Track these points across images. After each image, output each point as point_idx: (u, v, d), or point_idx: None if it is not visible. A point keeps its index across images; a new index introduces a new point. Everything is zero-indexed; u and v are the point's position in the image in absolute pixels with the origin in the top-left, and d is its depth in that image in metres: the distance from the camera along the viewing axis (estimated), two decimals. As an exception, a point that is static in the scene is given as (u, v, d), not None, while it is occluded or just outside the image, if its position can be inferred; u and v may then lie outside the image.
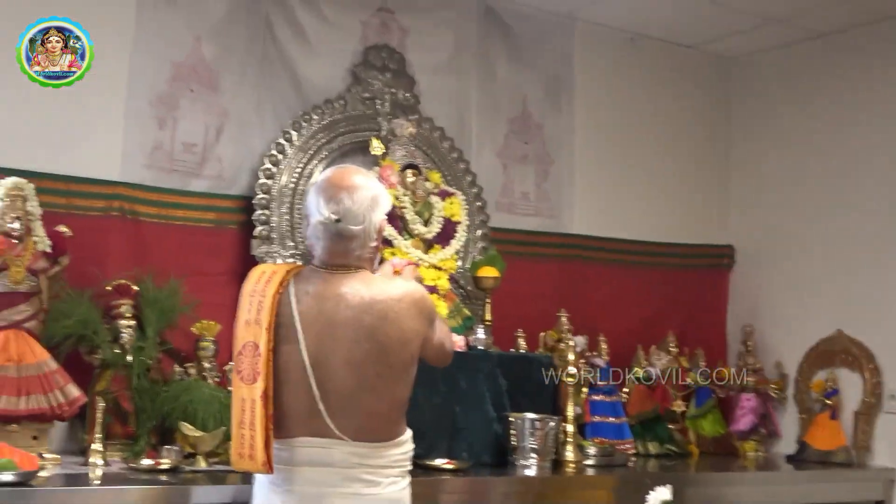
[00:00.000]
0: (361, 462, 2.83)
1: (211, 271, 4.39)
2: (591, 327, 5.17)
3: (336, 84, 4.79)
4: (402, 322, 2.87)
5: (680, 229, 5.77)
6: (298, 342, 2.83)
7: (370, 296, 2.87)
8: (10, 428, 3.55)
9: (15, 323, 3.69)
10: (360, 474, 2.82)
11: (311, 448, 2.82)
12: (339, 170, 3.06)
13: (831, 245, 5.37)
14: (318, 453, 2.82)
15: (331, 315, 2.85)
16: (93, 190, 4.17)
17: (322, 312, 2.85)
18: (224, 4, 4.52)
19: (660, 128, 5.76)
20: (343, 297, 2.86)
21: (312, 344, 2.83)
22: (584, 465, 4.48)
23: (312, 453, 2.82)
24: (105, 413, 3.77)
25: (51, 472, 3.40)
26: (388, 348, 2.85)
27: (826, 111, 5.47)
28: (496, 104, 5.25)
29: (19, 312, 3.71)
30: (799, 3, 5.02)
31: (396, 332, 2.85)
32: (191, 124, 4.43)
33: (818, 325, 5.34)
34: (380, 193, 3.01)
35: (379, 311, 2.85)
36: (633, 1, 5.17)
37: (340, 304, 2.86)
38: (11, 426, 3.56)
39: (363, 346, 2.82)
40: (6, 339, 3.64)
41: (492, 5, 5.22)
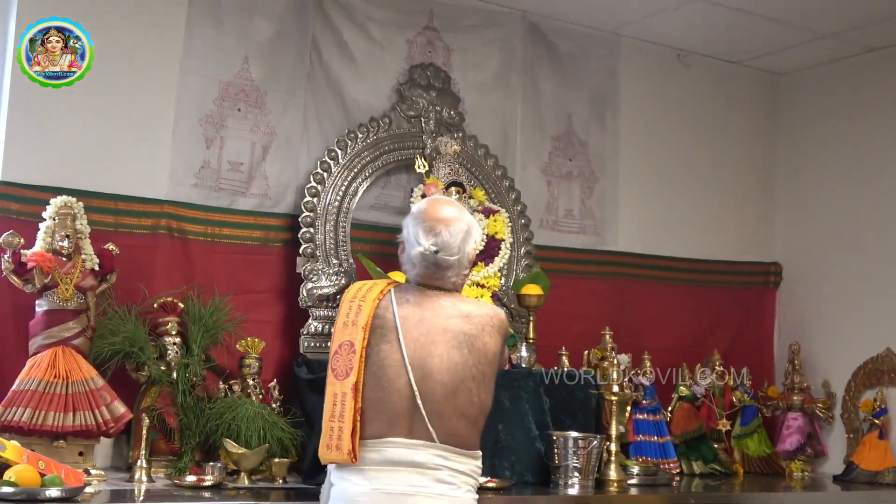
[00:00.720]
0: (445, 464, 2.94)
1: (256, 289, 4.41)
2: (636, 345, 5.11)
3: (381, 102, 4.79)
4: (493, 336, 3.09)
5: (726, 247, 5.73)
6: (399, 342, 2.99)
7: (468, 310, 3.11)
8: (57, 444, 3.57)
9: (63, 340, 3.70)
10: (444, 476, 2.94)
11: (399, 448, 2.93)
12: (435, 202, 3.28)
13: (879, 263, 5.32)
14: (406, 454, 2.92)
15: (432, 321, 3.04)
16: (140, 208, 4.19)
17: (423, 319, 3.04)
18: (271, 25, 4.54)
19: (705, 144, 5.74)
20: (443, 307, 3.08)
21: (412, 345, 2.99)
22: (628, 485, 4.45)
23: (400, 454, 2.93)
24: (150, 429, 3.81)
25: (96, 488, 3.42)
26: (483, 356, 3.04)
27: (875, 127, 5.43)
28: (541, 121, 5.24)
29: (67, 329, 3.71)
30: (849, 17, 4.99)
31: (491, 344, 3.07)
32: (238, 143, 4.45)
33: (866, 343, 5.30)
34: (472, 225, 3.20)
35: (477, 323, 3.07)
36: (680, 18, 5.14)
37: (440, 313, 3.06)
38: (59, 442, 3.58)
39: (463, 352, 3.00)
40: (54, 355, 3.66)
41: (536, 23, 5.22)
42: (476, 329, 3.07)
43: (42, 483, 3.10)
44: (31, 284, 3.71)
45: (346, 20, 4.73)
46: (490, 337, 3.10)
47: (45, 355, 3.66)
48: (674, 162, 5.63)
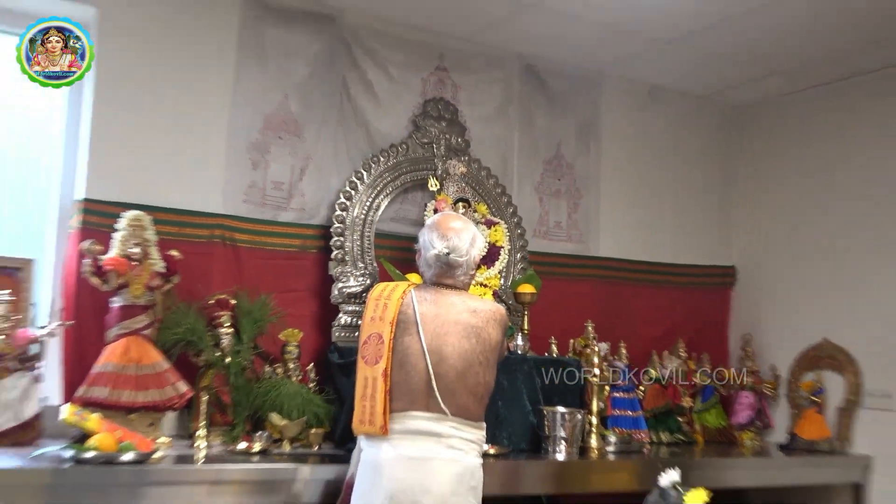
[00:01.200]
0: (456, 434, 3.09)
1: (295, 288, 4.42)
2: (613, 335, 5.13)
3: (400, 131, 4.80)
4: (496, 328, 3.26)
5: (690, 253, 5.74)
6: (419, 335, 3.15)
7: (475, 306, 3.28)
8: (130, 417, 3.62)
9: (135, 331, 3.74)
10: (455, 444, 3.09)
11: (419, 420, 3.09)
12: (446, 216, 3.48)
13: (817, 268, 5.36)
14: (427, 425, 3.08)
15: (445, 316, 3.20)
16: (199, 221, 4.22)
17: (438, 314, 3.20)
18: (307, 67, 4.56)
19: (674, 167, 5.74)
20: (454, 304, 3.25)
21: (430, 337, 3.15)
22: (606, 452, 4.49)
23: (422, 425, 3.08)
24: (208, 405, 3.87)
25: (163, 453, 3.47)
26: (487, 344, 3.21)
27: (818, 153, 5.44)
28: (534, 147, 5.26)
29: (138, 322, 3.75)
30: (797, 58, 5.01)
31: (495, 334, 3.24)
32: (279, 166, 4.47)
33: (806, 334, 5.33)
34: (477, 235, 3.40)
35: (483, 317, 3.24)
36: (651, 59, 5.16)
37: (452, 309, 3.23)
38: (132, 415, 3.63)
39: (471, 341, 3.18)
40: (127, 344, 3.70)
41: (532, 64, 5.23)
42: (482, 322, 3.23)
43: (118, 449, 3.19)
44: (108, 284, 3.75)
45: (370, 62, 4.75)
46: (493, 329, 3.25)
47: (119, 343, 3.70)
48: (647, 182, 5.65)
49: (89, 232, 3.92)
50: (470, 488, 3.11)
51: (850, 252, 5.18)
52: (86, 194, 4.00)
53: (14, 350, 3.53)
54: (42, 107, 4.24)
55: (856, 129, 5.23)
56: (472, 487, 3.12)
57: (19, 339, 3.56)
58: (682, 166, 5.78)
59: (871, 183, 5.12)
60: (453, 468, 3.07)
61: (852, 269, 5.15)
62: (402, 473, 3.05)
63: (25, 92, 3.95)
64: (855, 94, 5.24)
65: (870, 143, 5.15)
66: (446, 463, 3.07)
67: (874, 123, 5.14)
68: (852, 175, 5.22)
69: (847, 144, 5.27)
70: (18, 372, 3.53)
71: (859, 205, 5.16)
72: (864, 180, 5.15)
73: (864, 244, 5.11)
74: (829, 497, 4.77)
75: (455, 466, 3.08)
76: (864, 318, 5.05)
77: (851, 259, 5.16)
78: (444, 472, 3.05)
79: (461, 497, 3.07)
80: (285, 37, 4.51)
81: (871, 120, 5.15)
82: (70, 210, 4.10)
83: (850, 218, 5.20)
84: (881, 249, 4.99)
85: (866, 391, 4.97)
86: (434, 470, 3.05)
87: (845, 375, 5.12)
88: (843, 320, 5.18)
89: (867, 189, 5.13)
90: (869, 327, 4.99)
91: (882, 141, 5.08)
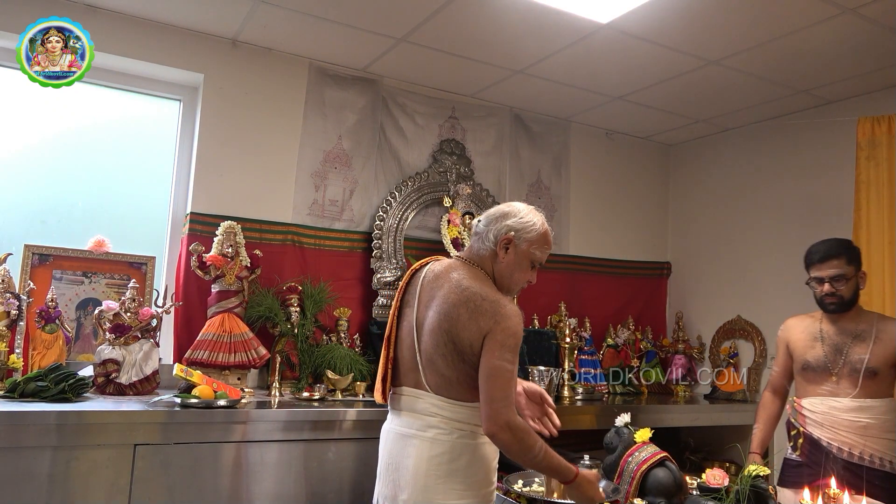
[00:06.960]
0: (438, 412, 2.31)
1: (345, 277, 4.39)
2: (580, 313, 5.14)
3: (423, 163, 4.78)
4: (476, 313, 2.25)
5: (635, 251, 5.68)
6: (414, 307, 2.42)
7: (467, 284, 2.32)
8: (224, 373, 3.62)
9: (228, 309, 3.74)
10: (435, 423, 2.30)
11: (407, 397, 2.39)
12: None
13: (732, 261, 5.30)
14: (411, 401, 2.37)
15: (435, 289, 2.39)
16: (275, 228, 4.20)
17: (434, 287, 2.40)
18: (355, 116, 4.54)
19: (624, 189, 5.69)
20: (450, 278, 2.37)
21: (420, 310, 2.39)
22: (576, 400, 4.47)
23: (407, 401, 2.39)
24: (280, 364, 3.85)
25: (248, 400, 3.46)
26: (457, 325, 2.26)
27: (731, 179, 5.38)
28: (521, 174, 5.21)
29: (231, 303, 3.76)
30: (717, 109, 4.95)
31: (466, 317, 2.25)
32: (334, 188, 4.45)
33: (724, 312, 5.29)
34: (511, 213, 2.43)
35: (465, 295, 2.29)
36: (608, 112, 5.11)
37: (445, 282, 2.38)
38: (225, 372, 3.63)
39: (440, 318, 2.30)
40: (222, 319, 3.71)
41: (519, 114, 5.20)
42: (459, 299, 2.29)
43: (215, 396, 3.17)
44: (208, 275, 3.77)
45: (401, 113, 4.73)
46: (470, 312, 2.27)
47: (216, 318, 3.71)
48: (604, 201, 5.59)
49: (195, 236, 3.94)
50: (450, 471, 2.26)
51: (755, 251, 5.12)
52: (192, 209, 4.00)
53: (139, 323, 3.52)
54: (155, 118, 4.18)
55: (760, 161, 5.17)
56: (454, 470, 2.26)
57: (143, 315, 3.54)
58: (629, 188, 5.73)
59: (770, 200, 5.05)
60: (432, 448, 2.28)
61: (757, 263, 5.09)
62: (390, 446, 2.40)
63: (138, 102, 3.96)
64: (760, 135, 5.18)
65: (770, 172, 5.09)
66: (424, 442, 2.29)
67: (773, 158, 5.07)
68: (758, 194, 5.15)
69: (753, 173, 5.20)
70: (142, 339, 3.51)
71: (762, 216, 5.10)
72: (765, 198, 5.09)
73: (765, 245, 5.05)
74: (742, 434, 4.69)
75: (435, 447, 2.28)
76: (766, 299, 4.99)
77: (756, 256, 5.10)
78: (420, 451, 2.29)
79: (439, 480, 2.25)
80: (340, 94, 4.49)
81: (771, 155, 5.09)
82: (181, 220, 4.11)
83: (755, 225, 5.14)
84: (778, 249, 4.92)
85: (769, 354, 4.90)
86: (412, 447, 2.31)
87: (753, 343, 5.06)
88: (751, 301, 5.12)
89: (767, 204, 5.07)
90: (770, 306, 4.92)
91: (779, 170, 5.02)
